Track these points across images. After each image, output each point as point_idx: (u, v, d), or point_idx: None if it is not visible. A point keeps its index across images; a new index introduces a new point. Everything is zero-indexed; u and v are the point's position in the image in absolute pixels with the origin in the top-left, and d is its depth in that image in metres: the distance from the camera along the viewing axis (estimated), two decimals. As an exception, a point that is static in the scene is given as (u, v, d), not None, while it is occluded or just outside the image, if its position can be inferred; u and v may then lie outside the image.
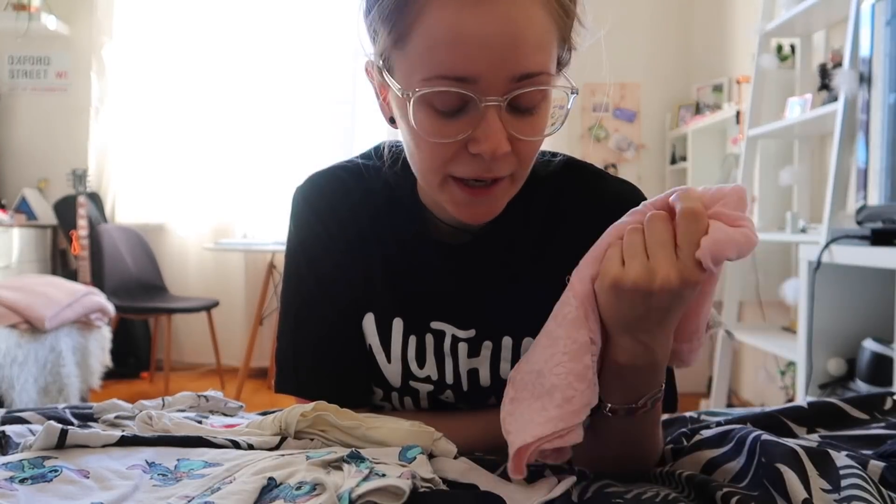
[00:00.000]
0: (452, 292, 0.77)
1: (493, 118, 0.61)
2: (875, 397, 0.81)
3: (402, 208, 0.77)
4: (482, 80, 0.60)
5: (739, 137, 3.18)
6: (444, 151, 0.64)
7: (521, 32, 0.59)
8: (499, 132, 0.61)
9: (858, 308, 2.13)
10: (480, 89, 0.60)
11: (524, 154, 0.65)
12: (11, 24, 3.93)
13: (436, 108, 0.62)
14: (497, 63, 0.59)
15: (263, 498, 0.51)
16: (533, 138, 0.64)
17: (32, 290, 2.60)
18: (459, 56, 0.59)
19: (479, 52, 0.59)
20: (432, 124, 0.63)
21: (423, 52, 0.61)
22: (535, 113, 0.63)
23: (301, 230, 0.79)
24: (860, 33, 2.06)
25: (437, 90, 0.60)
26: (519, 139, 0.63)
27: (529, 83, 0.61)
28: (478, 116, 0.61)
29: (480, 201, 0.66)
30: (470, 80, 0.60)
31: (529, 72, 0.60)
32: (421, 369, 0.77)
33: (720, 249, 0.55)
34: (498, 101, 0.60)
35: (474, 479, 0.61)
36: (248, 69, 4.11)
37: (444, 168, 0.65)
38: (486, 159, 0.62)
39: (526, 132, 0.63)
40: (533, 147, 0.65)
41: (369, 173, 0.79)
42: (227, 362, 3.99)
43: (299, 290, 0.79)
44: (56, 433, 0.61)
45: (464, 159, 0.64)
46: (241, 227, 4.14)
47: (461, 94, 0.60)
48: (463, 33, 0.58)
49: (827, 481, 0.55)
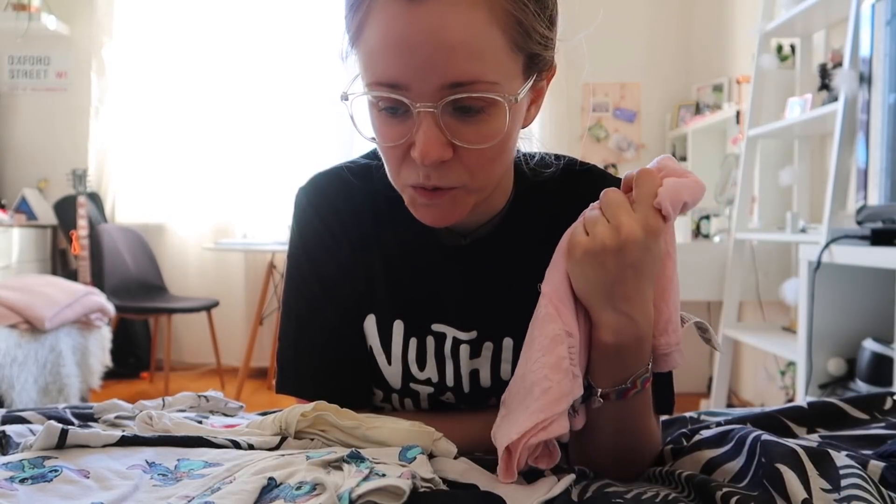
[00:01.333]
0: (454, 294, 0.77)
1: (427, 124, 0.61)
2: (875, 397, 0.81)
3: (404, 210, 0.77)
4: (413, 86, 0.60)
5: (739, 137, 3.18)
6: (395, 155, 0.65)
7: (450, 40, 0.58)
8: (432, 138, 0.61)
9: (858, 308, 2.13)
10: (413, 95, 0.60)
11: (472, 164, 0.64)
12: (11, 24, 3.93)
13: (384, 110, 0.63)
14: (425, 70, 0.59)
15: (263, 498, 0.51)
16: (475, 146, 0.62)
17: (32, 290, 2.60)
18: (389, 63, 0.60)
19: (407, 59, 0.59)
20: (381, 127, 0.64)
21: (365, 59, 0.63)
22: (481, 120, 0.62)
23: (304, 231, 0.79)
24: (860, 33, 2.06)
25: (375, 94, 0.62)
26: (464, 147, 0.62)
27: (464, 90, 0.60)
28: (417, 121, 0.61)
29: (435, 205, 0.66)
30: (402, 87, 0.60)
31: (458, 81, 0.60)
32: (421, 371, 0.77)
33: (675, 193, 0.62)
34: (431, 107, 0.60)
35: (474, 479, 0.61)
36: (248, 69, 4.11)
37: (401, 175, 0.66)
38: (421, 165, 0.62)
39: (470, 139, 0.62)
40: (483, 156, 0.64)
41: (372, 174, 0.78)
42: (227, 362, 3.99)
43: (302, 291, 0.78)
44: (56, 433, 0.61)
45: (409, 164, 0.64)
46: (241, 227, 4.14)
47: (398, 100, 0.61)
48: (393, 40, 0.59)
49: (827, 481, 0.55)
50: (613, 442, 0.69)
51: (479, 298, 0.77)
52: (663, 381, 0.77)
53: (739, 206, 2.93)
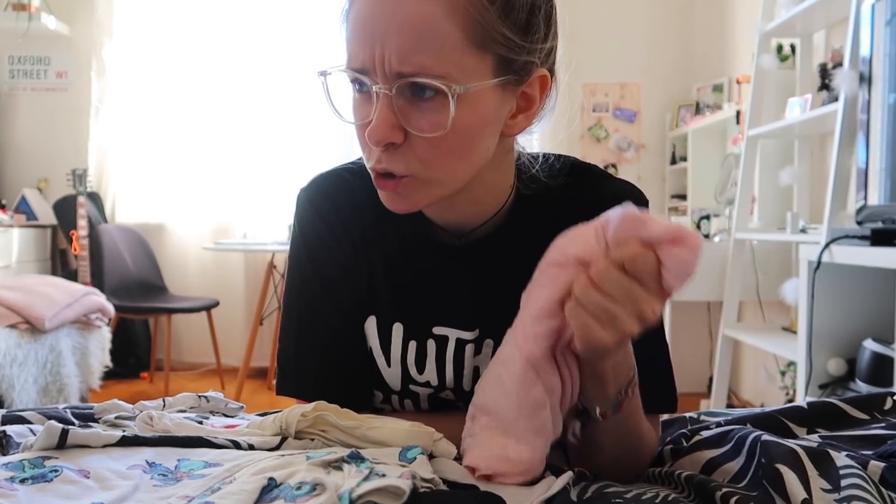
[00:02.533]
0: (456, 294, 0.77)
1: (382, 105, 0.63)
2: (875, 397, 0.80)
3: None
4: (371, 71, 0.64)
5: (739, 137, 3.18)
6: (360, 135, 0.67)
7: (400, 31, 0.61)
8: (382, 119, 0.63)
9: (858, 308, 2.13)
10: (373, 77, 0.64)
11: (423, 153, 0.65)
12: (11, 24, 3.93)
13: (356, 91, 0.67)
14: (379, 57, 0.62)
15: (263, 498, 0.51)
16: (423, 134, 0.63)
17: (32, 290, 2.60)
18: (356, 47, 0.64)
19: (366, 46, 0.63)
20: (354, 106, 0.68)
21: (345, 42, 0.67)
22: (434, 107, 0.63)
23: (306, 233, 0.79)
24: (860, 33, 2.06)
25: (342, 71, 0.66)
26: (414, 135, 0.64)
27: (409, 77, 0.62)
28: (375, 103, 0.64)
29: (392, 193, 0.68)
30: (364, 71, 0.64)
31: (402, 72, 0.62)
32: (420, 374, 0.77)
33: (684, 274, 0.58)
34: (384, 89, 0.63)
35: (474, 479, 0.61)
36: (248, 69, 4.11)
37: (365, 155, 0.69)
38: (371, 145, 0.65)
39: (419, 126, 0.63)
40: (435, 147, 0.64)
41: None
42: (227, 362, 3.99)
43: (303, 292, 0.78)
44: (57, 433, 0.61)
45: (367, 146, 0.67)
46: (241, 227, 4.14)
47: (361, 81, 0.65)
48: (358, 27, 0.64)
49: (827, 481, 0.55)
50: (613, 446, 0.70)
51: (481, 297, 0.77)
52: (664, 380, 0.77)
53: (739, 206, 2.93)
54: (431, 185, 0.67)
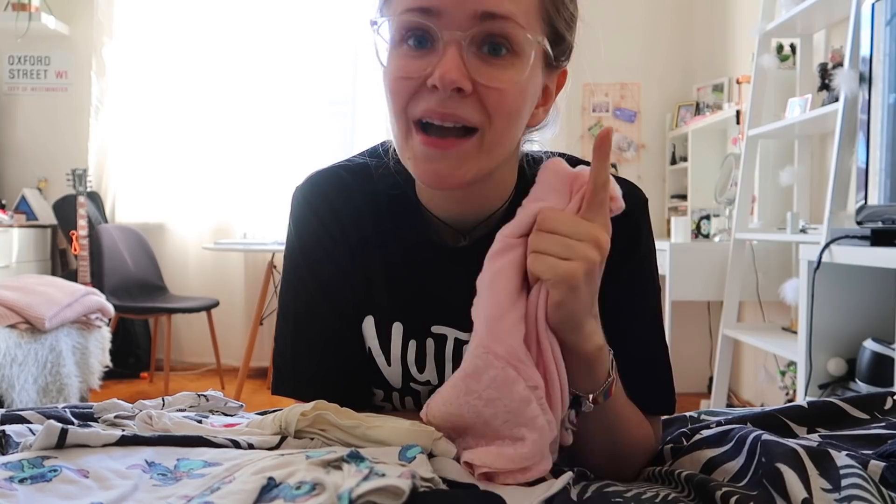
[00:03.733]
0: (455, 295, 0.77)
1: (451, 51, 0.61)
2: (875, 397, 0.80)
3: (404, 210, 0.76)
4: (444, 13, 0.61)
5: (739, 137, 3.18)
6: (407, 88, 0.64)
7: None
8: (454, 64, 0.61)
9: (858, 308, 2.13)
10: (444, 23, 0.61)
11: (493, 104, 0.64)
12: (11, 24, 3.93)
13: (406, 43, 0.64)
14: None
15: (263, 497, 0.51)
16: (496, 85, 0.63)
17: (32, 290, 2.60)
18: None
19: None
20: (401, 62, 0.64)
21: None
22: (504, 63, 0.63)
23: (302, 233, 0.78)
24: (860, 33, 2.06)
25: (401, 20, 0.63)
26: (484, 85, 0.63)
27: (493, 24, 0.61)
28: (440, 52, 0.62)
29: (441, 155, 0.65)
30: (433, 13, 0.61)
31: (493, 11, 0.61)
32: (421, 373, 0.77)
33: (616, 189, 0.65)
34: (458, 35, 0.61)
35: (474, 479, 0.61)
36: (247, 69, 4.11)
37: (406, 110, 0.65)
38: (441, 91, 0.62)
39: (490, 78, 0.63)
40: (503, 100, 0.64)
41: (371, 174, 0.78)
42: (227, 362, 3.99)
43: (300, 293, 0.78)
44: (56, 432, 0.61)
45: (423, 95, 0.64)
46: (241, 226, 4.14)
47: (426, 28, 0.62)
48: None
49: (827, 480, 0.55)
50: (604, 440, 0.69)
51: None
52: (663, 381, 0.77)
53: (739, 206, 2.92)
54: (486, 151, 0.66)
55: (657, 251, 0.81)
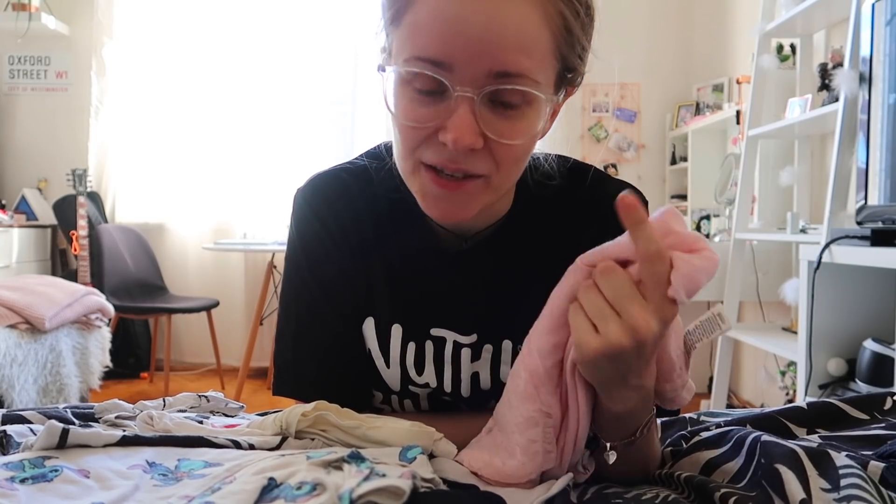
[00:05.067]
0: (454, 298, 0.77)
1: (464, 110, 0.60)
2: (875, 397, 0.80)
3: (405, 213, 0.76)
4: (458, 68, 0.59)
5: (739, 137, 3.18)
6: (417, 135, 0.63)
7: (505, 30, 0.58)
8: (467, 124, 0.60)
9: (858, 308, 2.13)
10: (455, 78, 0.60)
11: (501, 157, 0.63)
12: (11, 24, 3.93)
13: (416, 90, 0.62)
14: (473, 54, 0.59)
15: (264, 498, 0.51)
16: (508, 141, 0.62)
17: (32, 290, 2.60)
18: (437, 40, 0.59)
19: (457, 40, 0.59)
20: (409, 107, 0.62)
21: (408, 34, 0.61)
22: (517, 117, 0.62)
23: (304, 234, 0.78)
24: (860, 33, 2.06)
25: (413, 71, 0.60)
26: (496, 141, 0.62)
27: (508, 82, 0.60)
28: (452, 105, 0.60)
29: (450, 197, 0.65)
30: (446, 67, 0.60)
31: (507, 70, 0.59)
32: (419, 376, 0.77)
33: (693, 282, 0.54)
34: (471, 93, 0.60)
35: (474, 479, 0.61)
36: (247, 69, 4.11)
37: (415, 152, 0.64)
38: (452, 150, 0.61)
39: (502, 133, 0.62)
40: (512, 152, 0.64)
41: (371, 176, 0.78)
42: (227, 362, 3.99)
43: (301, 293, 0.78)
44: (57, 432, 0.61)
45: (433, 145, 0.63)
46: (241, 227, 4.14)
47: (437, 80, 0.60)
48: (446, 18, 0.59)
49: (826, 481, 0.55)
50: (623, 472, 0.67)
51: (479, 302, 0.76)
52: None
53: (739, 206, 2.92)
54: (492, 189, 0.66)
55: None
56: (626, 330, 0.54)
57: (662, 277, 0.54)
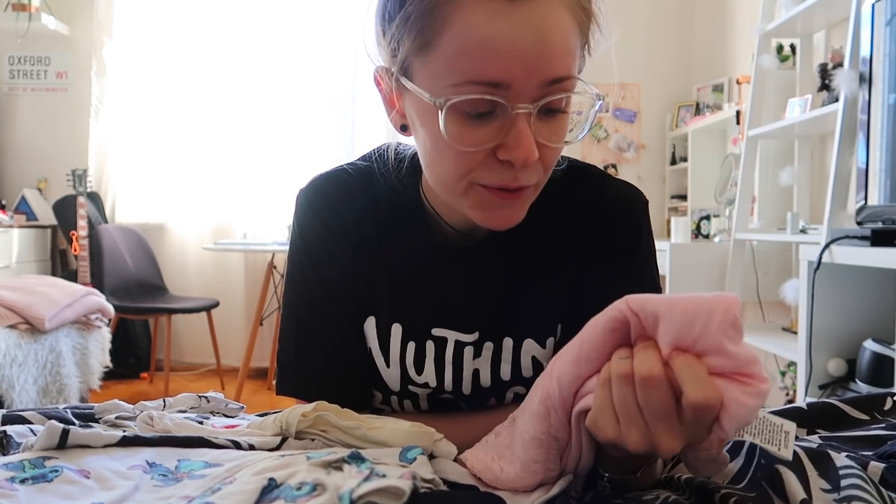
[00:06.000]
0: (457, 297, 0.77)
1: (524, 125, 0.60)
2: (875, 397, 0.80)
3: (407, 213, 0.77)
4: (514, 85, 0.59)
5: (739, 138, 3.18)
6: (472, 159, 0.63)
7: (551, 38, 0.59)
8: (530, 140, 0.61)
9: (859, 308, 2.13)
10: (511, 95, 0.60)
11: (548, 160, 0.66)
12: (11, 24, 3.93)
13: (465, 114, 0.61)
14: (530, 68, 0.59)
15: (264, 498, 0.51)
16: (558, 144, 0.64)
17: (32, 291, 2.60)
18: (492, 61, 0.58)
19: (512, 58, 0.58)
20: (461, 131, 0.62)
21: (452, 58, 0.60)
22: (560, 119, 0.64)
23: (305, 233, 0.78)
24: (860, 33, 2.07)
25: (468, 97, 0.60)
26: (545, 146, 0.63)
27: (559, 88, 0.61)
28: (508, 123, 0.61)
29: (507, 204, 0.66)
30: (503, 86, 0.59)
31: (559, 76, 0.61)
32: (419, 376, 0.77)
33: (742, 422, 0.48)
34: (529, 108, 0.60)
35: (474, 479, 0.61)
36: (248, 70, 4.11)
37: (470, 175, 0.64)
38: (517, 167, 0.62)
39: (552, 138, 0.63)
40: (557, 153, 0.66)
41: (373, 177, 0.78)
42: (227, 362, 3.99)
43: (303, 293, 0.78)
44: (58, 433, 0.61)
45: (492, 167, 0.63)
46: (241, 227, 4.14)
47: (492, 101, 0.60)
48: (496, 39, 0.58)
49: (826, 481, 0.55)
50: None
51: (482, 300, 0.77)
52: None
53: (739, 206, 2.93)
54: (539, 190, 0.69)
55: (657, 251, 0.81)
56: (646, 441, 0.50)
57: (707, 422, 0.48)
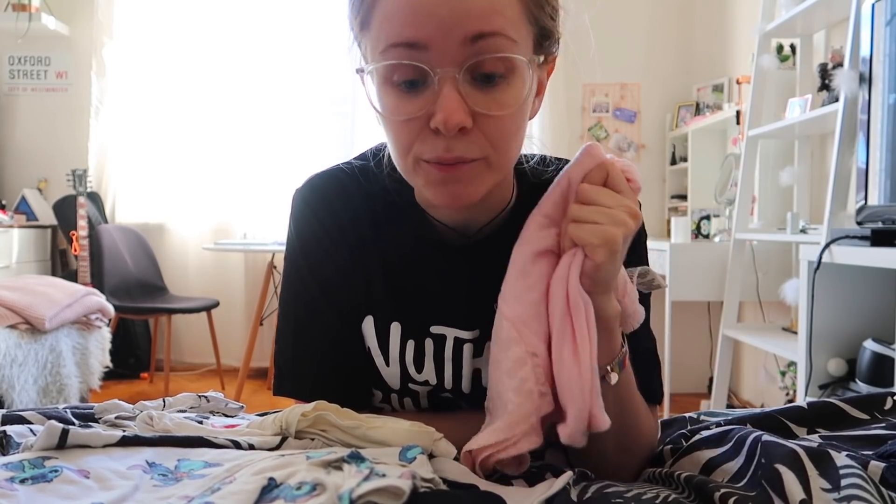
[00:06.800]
0: (456, 294, 0.77)
1: (448, 89, 0.60)
2: (875, 397, 0.80)
3: (402, 212, 0.77)
4: (433, 45, 0.59)
5: (739, 138, 3.18)
6: (409, 130, 0.63)
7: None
8: (454, 102, 0.60)
9: (858, 308, 2.13)
10: (433, 58, 0.60)
11: (493, 133, 0.63)
12: (11, 24, 3.93)
13: (397, 84, 0.62)
14: (445, 25, 0.59)
15: (263, 498, 0.51)
16: (497, 112, 0.62)
17: (32, 291, 2.60)
18: (409, 22, 0.59)
19: (429, 17, 0.59)
20: (395, 103, 0.63)
21: (378, 28, 0.62)
22: (501, 88, 0.62)
23: (301, 233, 0.78)
24: (860, 33, 2.06)
25: (390, 62, 0.61)
26: (484, 114, 0.62)
27: (485, 47, 0.60)
28: (435, 89, 0.61)
29: (455, 179, 0.65)
30: (420, 46, 0.60)
31: (482, 31, 0.59)
32: (419, 373, 0.77)
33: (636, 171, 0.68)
34: (453, 71, 0.60)
35: (474, 479, 0.61)
36: (247, 69, 4.11)
37: (411, 149, 0.65)
38: (445, 134, 0.61)
39: (492, 107, 0.62)
40: (504, 126, 0.63)
41: (369, 176, 0.78)
42: (227, 362, 3.99)
43: (300, 293, 0.78)
44: (57, 433, 0.61)
45: (428, 138, 0.63)
46: (241, 227, 4.14)
47: (417, 67, 0.60)
48: (413, 1, 0.59)
49: (826, 480, 0.55)
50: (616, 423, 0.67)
51: (481, 297, 0.77)
52: (650, 371, 0.78)
53: (739, 206, 2.93)
54: (494, 169, 0.66)
55: (657, 251, 0.81)
56: (630, 214, 0.63)
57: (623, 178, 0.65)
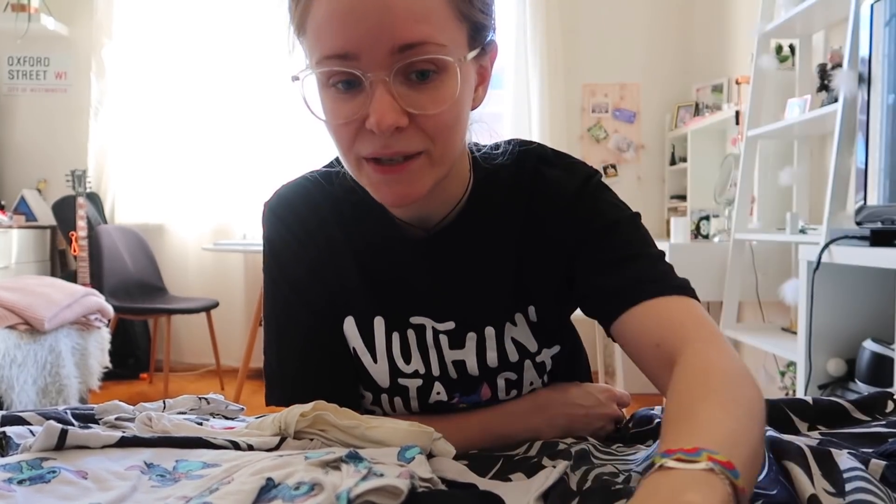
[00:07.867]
0: (424, 286, 0.79)
1: (380, 93, 0.61)
2: (877, 399, 0.80)
3: (367, 210, 0.78)
4: (363, 55, 0.61)
5: (739, 138, 3.18)
6: (348, 131, 0.65)
7: (396, 7, 0.60)
8: (386, 105, 0.61)
9: (858, 308, 2.13)
10: (365, 65, 0.61)
11: (432, 129, 0.64)
12: (11, 24, 3.93)
13: (335, 88, 0.64)
14: (374, 36, 0.60)
15: (262, 498, 0.51)
16: (432, 111, 0.63)
17: (31, 291, 2.60)
18: (339, 34, 0.61)
19: (356, 29, 0.60)
20: (332, 105, 0.65)
21: (313, 37, 0.63)
22: (434, 85, 0.63)
23: (272, 242, 0.81)
24: (860, 34, 2.06)
25: (326, 70, 0.62)
26: (419, 114, 0.63)
27: (413, 53, 0.61)
28: (369, 93, 0.62)
29: (396, 179, 0.66)
30: (352, 56, 0.61)
31: (408, 42, 0.60)
32: (407, 364, 0.78)
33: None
34: (383, 74, 0.61)
35: (473, 478, 0.61)
36: (247, 70, 4.11)
37: (353, 148, 0.66)
38: (378, 134, 0.63)
39: (423, 105, 0.63)
40: (441, 121, 0.64)
41: (333, 180, 0.80)
42: (227, 363, 3.99)
43: (276, 298, 0.80)
44: (56, 433, 0.61)
45: (365, 137, 0.65)
46: (240, 227, 4.14)
47: (350, 73, 0.62)
48: (341, 12, 0.60)
49: (830, 483, 0.55)
50: None
51: (448, 289, 0.78)
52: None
53: (739, 206, 2.93)
54: (436, 164, 0.67)
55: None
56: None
57: None
